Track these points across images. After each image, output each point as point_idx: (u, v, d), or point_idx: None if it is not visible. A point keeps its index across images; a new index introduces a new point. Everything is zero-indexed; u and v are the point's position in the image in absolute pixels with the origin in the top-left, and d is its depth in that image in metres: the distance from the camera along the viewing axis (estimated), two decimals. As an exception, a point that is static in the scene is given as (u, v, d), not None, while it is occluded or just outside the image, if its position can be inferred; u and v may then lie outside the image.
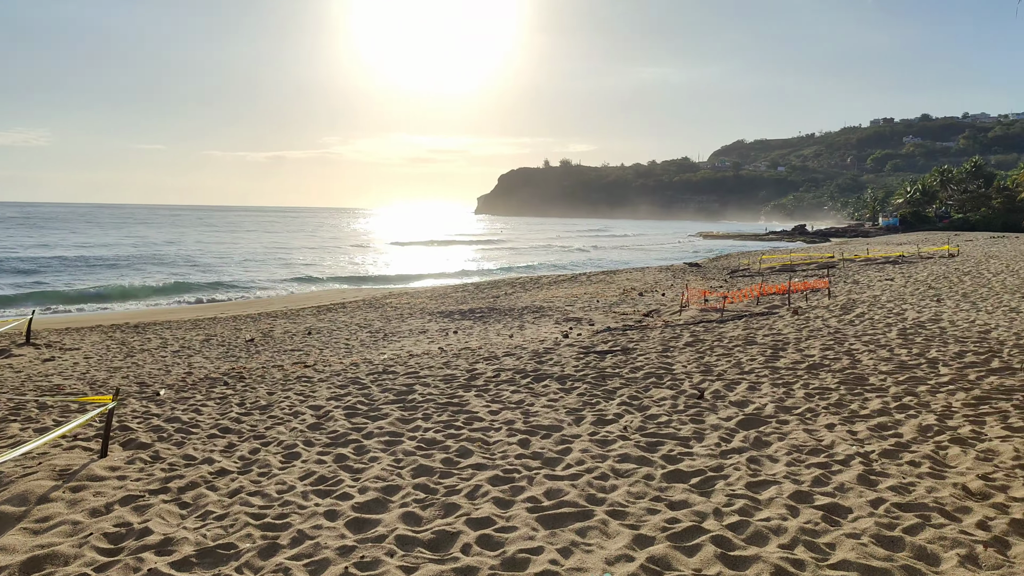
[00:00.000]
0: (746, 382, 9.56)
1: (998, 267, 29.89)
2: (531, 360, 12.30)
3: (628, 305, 26.39)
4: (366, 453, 7.16)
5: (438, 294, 34.60)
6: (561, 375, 10.53)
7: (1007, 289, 21.12)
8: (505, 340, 18.32)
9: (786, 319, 16.65)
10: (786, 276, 33.27)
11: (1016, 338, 12.41)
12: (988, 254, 39.64)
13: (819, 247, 70.35)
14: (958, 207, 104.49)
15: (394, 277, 48.01)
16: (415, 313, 26.58)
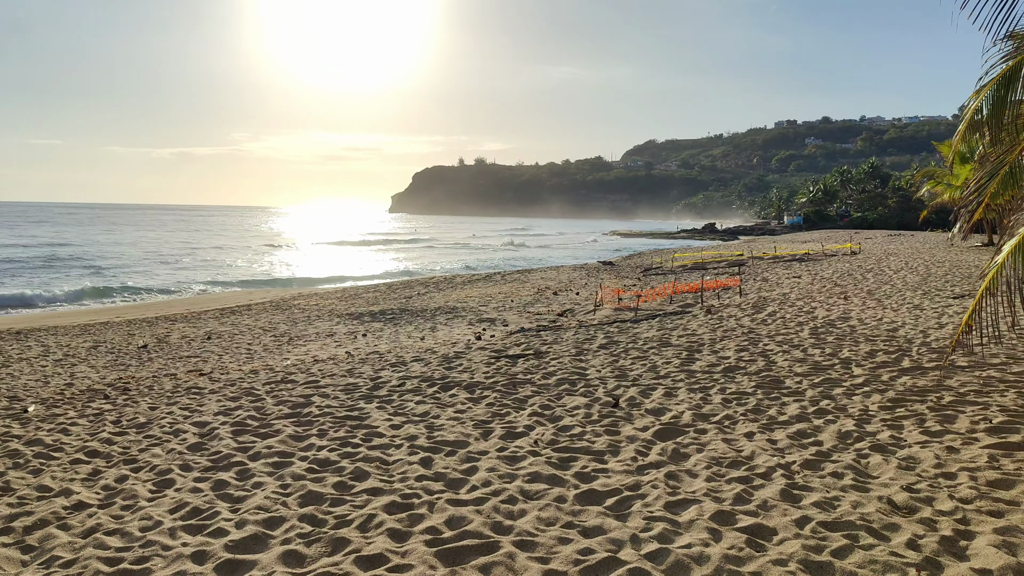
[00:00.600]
0: (662, 387, 9.20)
1: (898, 264, 30.77)
2: (440, 366, 11.70)
3: (543, 305, 26.04)
4: (250, 478, 6.44)
5: (349, 295, 33.56)
6: (470, 383, 9.97)
7: (908, 286, 21.60)
8: (416, 343, 17.69)
9: (700, 318, 16.52)
10: (698, 274, 33.55)
11: (923, 336, 12.48)
12: (887, 251, 40.93)
13: (729, 245, 71.83)
14: (857, 206, 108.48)
15: (304, 278, 46.53)
16: (324, 315, 25.60)
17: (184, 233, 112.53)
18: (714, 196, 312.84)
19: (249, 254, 69.24)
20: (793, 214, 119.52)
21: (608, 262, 47.85)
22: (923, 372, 9.66)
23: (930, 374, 9.53)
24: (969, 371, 9.58)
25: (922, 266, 29.12)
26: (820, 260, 36.41)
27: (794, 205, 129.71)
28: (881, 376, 9.47)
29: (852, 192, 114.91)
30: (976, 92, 11.29)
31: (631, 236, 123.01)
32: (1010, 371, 9.48)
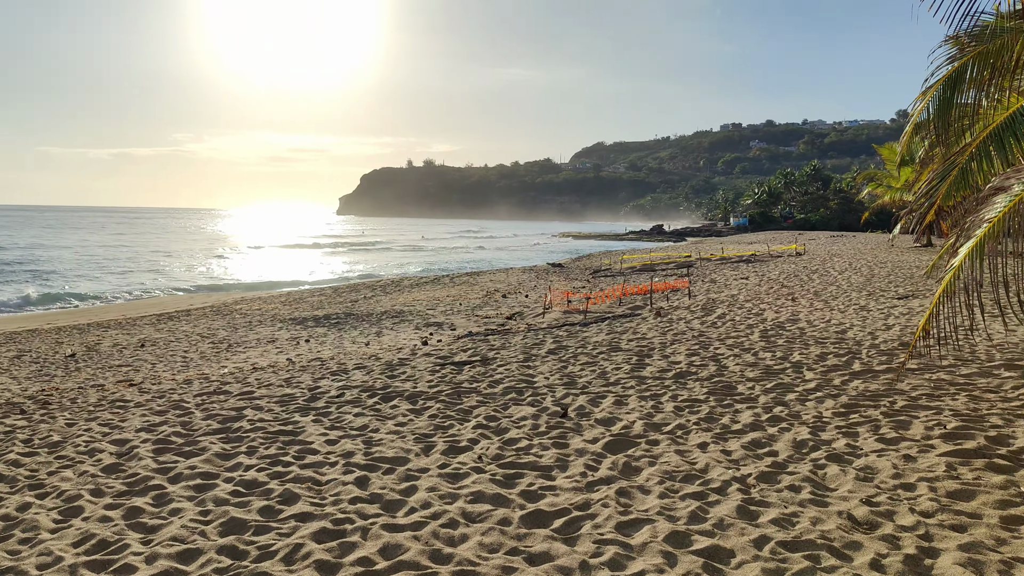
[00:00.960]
0: (612, 395, 8.87)
1: (842, 265, 31.10)
2: (383, 374, 11.24)
3: (491, 308, 25.69)
4: (167, 503, 5.93)
5: (293, 299, 32.74)
6: (413, 392, 9.52)
7: (853, 287, 21.73)
8: (360, 349, 17.19)
9: (649, 321, 16.31)
10: (647, 276, 33.52)
11: (871, 338, 12.40)
12: (831, 252, 41.47)
13: (677, 246, 72.34)
14: (800, 208, 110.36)
15: (247, 282, 45.38)
16: (266, 320, 24.85)
17: (124, 236, 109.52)
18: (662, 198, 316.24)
19: (191, 257, 67.49)
20: (739, 215, 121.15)
21: (557, 264, 47.69)
22: (874, 375, 9.52)
23: (881, 377, 9.38)
24: (919, 374, 9.47)
25: (865, 267, 29.46)
26: (766, 261, 36.70)
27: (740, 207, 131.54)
28: (833, 380, 9.30)
29: (795, 194, 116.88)
30: (922, 93, 11.24)
31: (580, 238, 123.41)
32: (959, 374, 9.39)
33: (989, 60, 10.17)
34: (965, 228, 6.19)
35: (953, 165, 7.29)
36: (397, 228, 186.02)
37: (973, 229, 5.94)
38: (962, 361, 10.10)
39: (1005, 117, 7.30)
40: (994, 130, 7.28)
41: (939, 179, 7.33)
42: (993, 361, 9.88)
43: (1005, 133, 7.21)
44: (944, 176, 7.30)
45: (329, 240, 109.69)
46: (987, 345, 11.14)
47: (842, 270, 28.48)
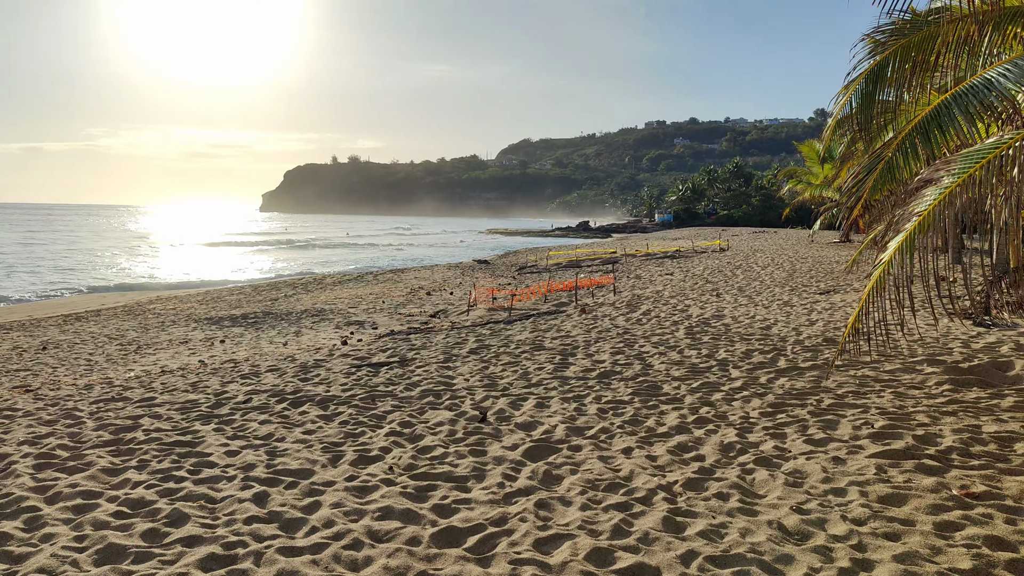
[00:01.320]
0: (534, 397, 8.49)
1: (764, 261, 31.55)
2: (295, 377, 10.64)
3: (415, 306, 25.15)
4: (40, 527, 5.29)
5: (211, 298, 31.51)
6: (325, 397, 8.97)
7: (776, 282, 21.94)
8: (277, 349, 16.51)
9: (574, 318, 16.04)
10: (573, 272, 33.41)
11: (796, 334, 12.35)
12: (753, 248, 42.14)
13: (603, 242, 72.75)
14: (723, 204, 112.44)
15: (164, 281, 43.65)
16: (180, 321, 23.78)
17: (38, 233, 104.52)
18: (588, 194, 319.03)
19: (105, 256, 64.75)
20: (664, 212, 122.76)
21: (483, 260, 47.31)
22: (800, 373, 9.38)
23: (807, 375, 9.25)
24: (844, 371, 9.37)
25: (787, 262, 29.92)
26: (691, 257, 37.02)
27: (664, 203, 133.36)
28: (759, 378, 9.12)
29: (719, 191, 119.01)
30: (844, 88, 11.19)
31: (507, 234, 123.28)
32: (884, 370, 9.32)
33: (910, 54, 10.15)
34: (894, 222, 6.01)
35: (879, 159, 7.13)
36: (321, 225, 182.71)
37: (902, 223, 5.75)
38: (886, 357, 10.07)
39: (930, 110, 7.18)
40: (919, 123, 7.15)
41: (865, 173, 7.16)
42: (916, 357, 9.87)
43: (930, 126, 7.09)
44: (870, 170, 7.14)
45: (250, 237, 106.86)
46: (910, 340, 11.18)
47: (765, 265, 28.84)
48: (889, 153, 7.10)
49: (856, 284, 19.96)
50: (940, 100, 7.26)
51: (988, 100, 7.03)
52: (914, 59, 10.16)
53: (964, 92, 7.17)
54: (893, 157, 7.08)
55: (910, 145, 7.06)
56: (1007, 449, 6.25)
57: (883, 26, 11.00)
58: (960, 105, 7.06)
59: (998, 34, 9.64)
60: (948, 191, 5.45)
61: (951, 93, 7.26)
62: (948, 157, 5.98)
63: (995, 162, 5.28)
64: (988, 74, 7.27)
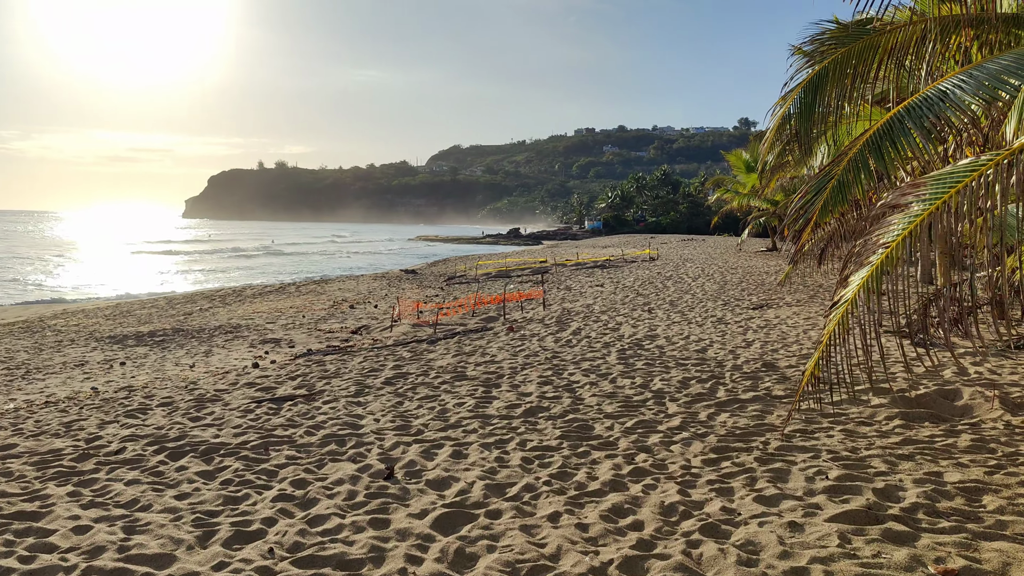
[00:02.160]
0: (451, 444, 7.51)
1: (695, 271, 31.24)
2: (186, 415, 9.46)
3: (337, 320, 23.93)
4: None
5: (121, 312, 29.60)
6: (212, 445, 7.83)
7: (708, 295, 21.47)
8: (183, 372, 15.21)
9: (501, 338, 15.16)
10: (502, 282, 32.59)
11: (733, 357, 11.69)
12: (683, 257, 42.01)
13: (533, 250, 72.16)
14: (652, 211, 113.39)
15: (73, 292, 41.15)
16: (81, 339, 22.04)
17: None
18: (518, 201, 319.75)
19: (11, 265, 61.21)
20: (594, 219, 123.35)
21: (411, 270, 46.12)
22: (741, 406, 8.65)
23: (750, 409, 8.52)
24: (786, 402, 8.70)
25: (718, 273, 29.65)
26: (621, 267, 36.58)
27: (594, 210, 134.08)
28: (699, 415, 8.34)
29: (647, 198, 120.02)
30: (782, 98, 10.57)
31: (437, 241, 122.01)
32: (827, 401, 8.66)
33: (850, 63, 9.59)
34: (855, 252, 5.28)
35: (828, 177, 6.43)
36: (246, 232, 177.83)
37: (866, 255, 5.02)
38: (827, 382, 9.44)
39: (882, 124, 6.51)
40: (871, 138, 6.48)
41: (814, 193, 6.45)
42: (859, 385, 9.25)
43: (882, 141, 6.43)
44: (819, 189, 6.42)
45: (171, 245, 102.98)
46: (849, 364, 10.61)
47: (695, 276, 28.47)
48: (839, 171, 6.40)
49: (788, 298, 19.60)
50: (892, 113, 6.61)
51: (943, 113, 6.41)
52: (855, 69, 9.61)
53: (918, 105, 6.53)
54: (843, 176, 6.39)
55: (862, 162, 6.38)
56: (976, 504, 5.58)
57: (820, 35, 10.45)
58: (914, 118, 6.42)
59: (940, 45, 9.13)
60: (919, 220, 4.73)
61: (904, 106, 6.62)
62: (916, 180, 5.29)
63: (973, 186, 4.58)
64: (943, 85, 6.66)
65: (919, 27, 9.12)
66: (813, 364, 5.48)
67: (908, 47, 9.06)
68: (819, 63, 9.87)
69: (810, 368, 5.52)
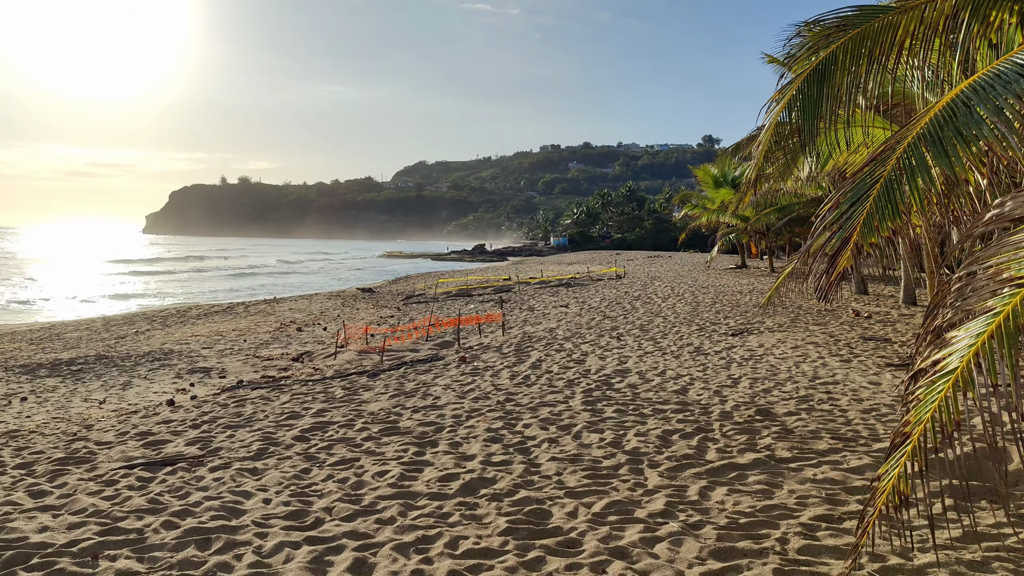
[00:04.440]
0: (354, 547, 5.45)
1: (664, 291, 29.52)
2: (31, 488, 7.36)
3: (280, 345, 21.82)
4: None
5: (50, 335, 27.12)
6: (26, 547, 5.73)
7: (681, 319, 19.68)
8: (88, 410, 13.21)
9: (451, 371, 13.21)
10: (463, 301, 30.63)
11: (720, 401, 9.83)
12: (651, 275, 40.36)
13: (497, 267, 70.25)
14: (617, 227, 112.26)
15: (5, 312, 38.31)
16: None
17: None
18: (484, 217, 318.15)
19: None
20: (559, 235, 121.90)
21: (368, 288, 43.89)
22: (740, 475, 6.77)
23: (751, 478, 6.65)
24: (796, 468, 6.84)
25: (688, 292, 27.94)
26: (587, 285, 34.78)
27: (560, 226, 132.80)
28: (687, 489, 6.43)
29: (613, 214, 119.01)
30: (779, 93, 8.80)
31: (400, 257, 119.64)
32: (848, 466, 6.83)
33: (864, 46, 7.86)
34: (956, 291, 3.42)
35: (872, 180, 4.61)
36: (205, 248, 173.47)
37: (981, 296, 3.19)
38: (840, 439, 7.62)
39: (940, 109, 4.74)
40: (926, 130, 4.69)
41: (849, 204, 4.62)
42: (879, 438, 7.42)
43: (943, 132, 4.64)
44: (858, 197, 4.60)
45: (126, 264, 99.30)
46: (849, 400, 8.80)
47: (665, 296, 26.72)
48: (886, 172, 4.59)
49: (768, 322, 17.86)
50: (951, 95, 4.85)
51: None
52: (870, 52, 7.88)
53: (988, 83, 4.78)
54: (891, 178, 4.57)
55: (918, 161, 4.58)
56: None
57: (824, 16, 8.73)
58: (986, 101, 4.66)
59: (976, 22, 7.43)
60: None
61: (967, 84, 4.87)
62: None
63: None
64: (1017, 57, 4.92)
65: (949, 2, 7.43)
66: (895, 479, 3.52)
67: (938, 25, 7.36)
68: (824, 49, 8.13)
69: (889, 485, 3.55)
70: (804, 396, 9.89)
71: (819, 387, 10.47)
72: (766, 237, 40.85)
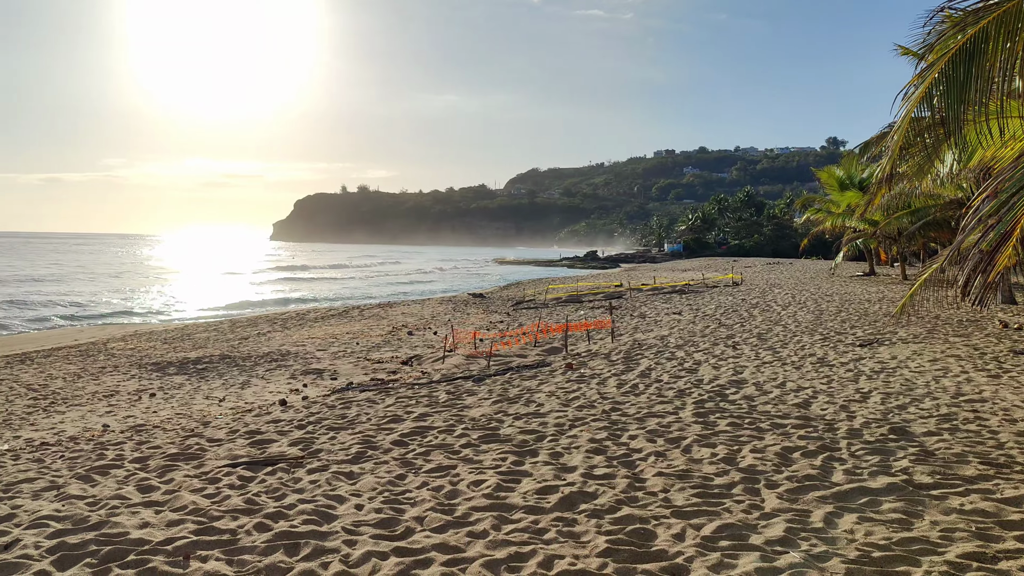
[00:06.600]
0: (442, 560, 5.11)
1: (784, 298, 28.20)
2: (140, 484, 7.43)
3: (391, 348, 22.03)
4: None
5: (181, 335, 28.39)
6: (125, 543, 5.68)
7: (803, 328, 18.60)
8: (209, 408, 13.63)
9: (556, 378, 12.80)
10: (572, 307, 30.20)
11: (847, 416, 9.02)
12: (770, 282, 38.81)
13: (608, 274, 69.44)
14: (734, 234, 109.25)
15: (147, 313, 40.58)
16: (125, 364, 20.68)
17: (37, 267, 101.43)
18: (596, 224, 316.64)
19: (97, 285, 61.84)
20: (673, 242, 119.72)
21: (479, 294, 44.08)
22: (872, 501, 6.06)
23: (884, 504, 5.94)
24: (939, 496, 6.08)
25: (811, 300, 26.56)
26: (701, 292, 33.70)
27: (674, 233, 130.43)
28: (810, 515, 5.79)
29: (729, 220, 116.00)
30: (918, 76, 8.00)
31: (512, 264, 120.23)
32: (1002, 494, 6.01)
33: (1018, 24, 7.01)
34: None
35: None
36: (327, 254, 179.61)
37: None
38: (991, 463, 6.77)
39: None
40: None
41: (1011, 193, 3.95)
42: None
43: None
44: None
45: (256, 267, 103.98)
46: (1000, 420, 7.86)
47: (785, 304, 25.48)
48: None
49: (901, 332, 16.60)
50: None
51: None
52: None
53: None
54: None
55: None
56: None
57: None
58: None
59: None
60: None
61: None
62: None
63: None
64: None
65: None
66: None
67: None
68: (972, 26, 7.30)
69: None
70: (946, 414, 8.96)
71: (963, 405, 9.48)
72: (897, 242, 38.56)
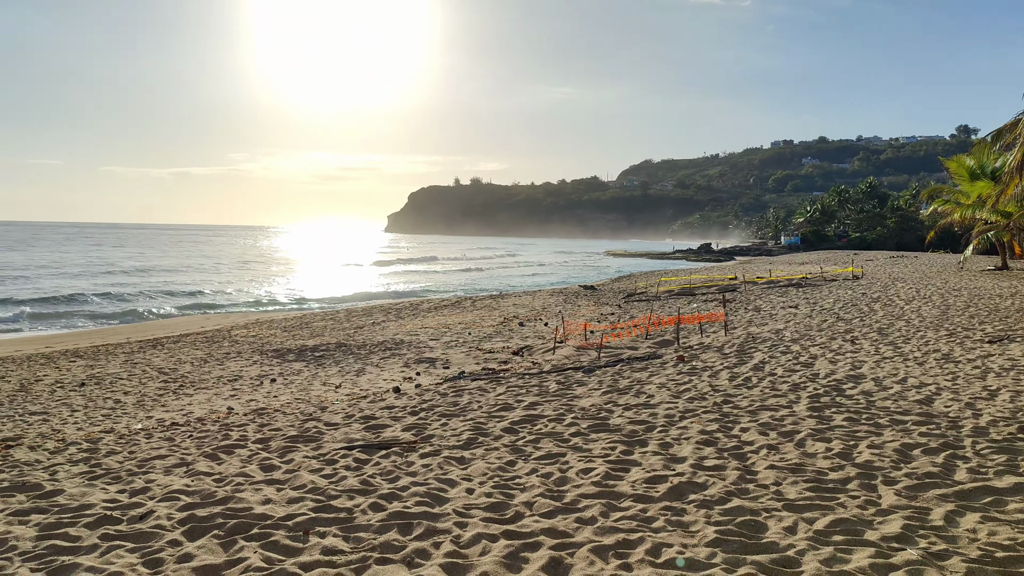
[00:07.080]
0: (550, 544, 5.22)
1: (908, 292, 26.98)
2: (263, 463, 7.91)
3: (502, 339, 22.39)
4: None
5: (299, 323, 29.76)
6: (249, 516, 6.07)
7: (927, 323, 17.79)
8: (326, 394, 14.31)
9: (667, 370, 12.75)
10: (685, 300, 29.82)
11: (973, 414, 8.64)
12: (893, 276, 37.17)
13: (723, 267, 68.07)
14: (855, 226, 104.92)
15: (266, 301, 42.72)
16: (247, 351, 21.88)
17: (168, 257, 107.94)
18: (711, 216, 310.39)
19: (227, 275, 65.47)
20: (790, 234, 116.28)
21: (589, 286, 44.04)
22: (998, 500, 5.82)
23: (1010, 505, 5.71)
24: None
25: (937, 295, 25.32)
26: (819, 286, 32.64)
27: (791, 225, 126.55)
28: (930, 513, 5.62)
29: (850, 212, 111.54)
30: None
31: (624, 256, 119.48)
32: None
33: None
34: None
35: None
36: (441, 245, 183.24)
37: None
38: None
39: None
40: None
41: None
42: None
43: None
44: None
45: (371, 258, 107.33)
46: None
47: (909, 299, 24.39)
48: None
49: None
50: None
51: None
52: None
53: None
54: None
55: None
56: None
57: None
58: None
59: None
60: None
61: None
62: None
63: None
64: None
65: None
66: None
67: None
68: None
69: None
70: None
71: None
72: None
